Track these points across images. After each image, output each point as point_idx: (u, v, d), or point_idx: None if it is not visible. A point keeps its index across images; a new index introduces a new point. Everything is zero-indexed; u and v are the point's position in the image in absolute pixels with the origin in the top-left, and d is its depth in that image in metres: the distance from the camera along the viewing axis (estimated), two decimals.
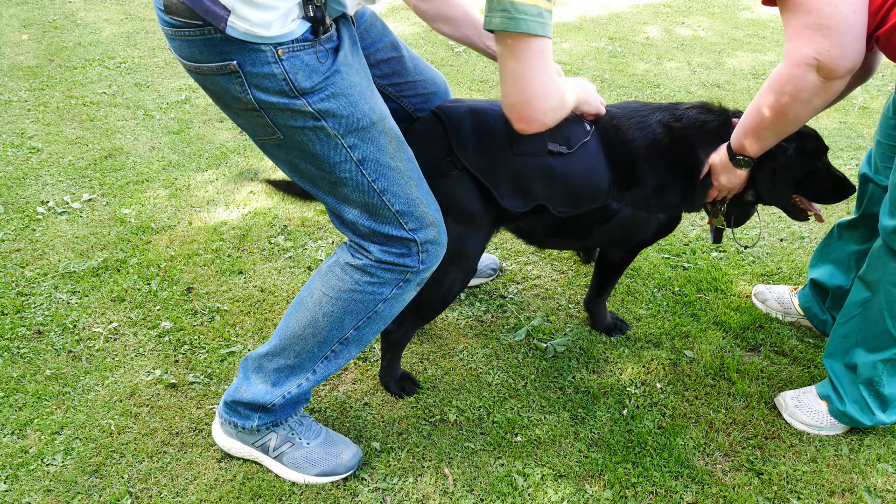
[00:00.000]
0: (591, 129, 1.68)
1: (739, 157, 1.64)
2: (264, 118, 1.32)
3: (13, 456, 1.66)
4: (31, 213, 2.62)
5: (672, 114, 1.72)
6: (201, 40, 1.24)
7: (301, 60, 1.26)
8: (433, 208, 1.47)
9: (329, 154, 1.35)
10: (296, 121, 1.31)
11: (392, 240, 1.43)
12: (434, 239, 1.46)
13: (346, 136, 1.34)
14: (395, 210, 1.40)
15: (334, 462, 1.61)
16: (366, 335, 1.55)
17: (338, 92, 1.31)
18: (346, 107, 1.32)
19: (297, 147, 1.35)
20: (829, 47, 1.35)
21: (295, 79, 1.26)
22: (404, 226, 1.42)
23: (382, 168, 1.38)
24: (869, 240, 1.88)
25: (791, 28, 1.40)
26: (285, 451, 1.61)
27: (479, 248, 1.72)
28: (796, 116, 1.49)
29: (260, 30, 1.20)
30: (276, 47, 1.23)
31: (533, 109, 1.28)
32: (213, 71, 1.27)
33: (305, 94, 1.28)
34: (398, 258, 1.44)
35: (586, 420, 1.82)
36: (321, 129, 1.32)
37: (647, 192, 1.70)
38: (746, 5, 5.79)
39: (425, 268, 1.48)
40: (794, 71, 1.40)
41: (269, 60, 1.24)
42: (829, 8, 1.34)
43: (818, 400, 1.80)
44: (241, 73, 1.25)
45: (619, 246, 1.93)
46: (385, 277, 1.46)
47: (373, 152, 1.37)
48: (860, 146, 3.34)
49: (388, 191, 1.39)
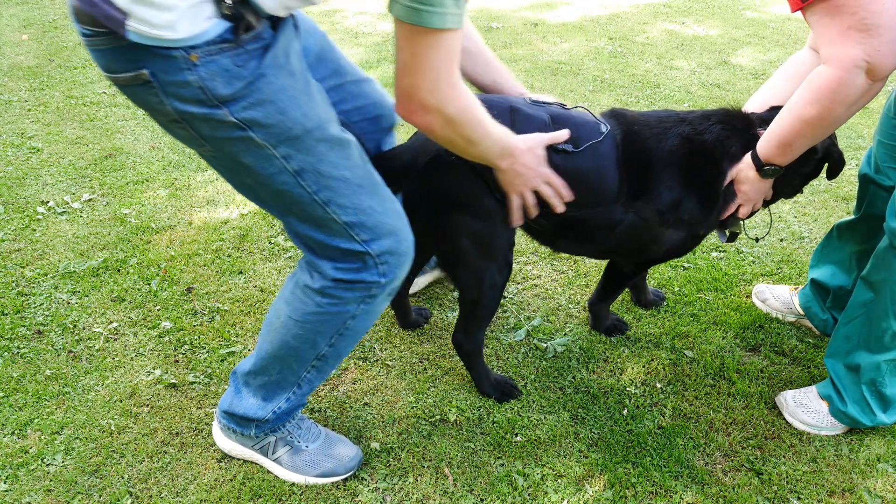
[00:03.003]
0: (606, 132, 1.67)
1: (769, 166, 1.60)
2: (188, 130, 1.23)
3: (13, 456, 1.66)
4: (31, 213, 2.62)
5: (695, 127, 1.69)
6: (111, 49, 1.15)
7: (218, 65, 1.14)
8: (391, 216, 1.36)
9: (262, 166, 1.25)
10: (220, 132, 1.21)
11: (346, 254, 1.34)
12: (392, 249, 1.36)
13: (278, 146, 1.23)
14: (343, 222, 1.31)
15: (334, 463, 1.61)
16: (343, 349, 1.50)
17: (264, 99, 1.19)
18: (275, 115, 1.20)
19: (229, 159, 1.26)
20: (880, 46, 1.31)
21: (212, 86, 1.15)
22: (356, 238, 1.33)
23: (323, 178, 1.28)
24: (870, 240, 1.87)
25: (832, 31, 1.35)
26: (284, 454, 1.61)
27: (506, 242, 1.70)
28: (837, 121, 1.45)
29: (165, 32, 1.10)
30: (187, 51, 1.12)
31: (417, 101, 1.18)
32: (128, 81, 1.18)
33: (226, 103, 1.17)
34: (355, 274, 1.36)
35: (586, 420, 1.82)
36: (248, 139, 1.21)
37: (661, 206, 1.68)
38: (747, 5, 5.79)
39: (388, 280, 1.38)
40: (844, 75, 1.35)
41: (181, 67, 1.13)
42: (877, 5, 1.29)
43: (819, 400, 1.80)
44: (155, 83, 1.15)
45: (630, 257, 1.92)
46: (346, 297, 1.38)
47: (311, 162, 1.26)
48: (860, 146, 3.33)
49: (332, 202, 1.29)
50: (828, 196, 2.90)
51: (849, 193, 2.88)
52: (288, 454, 1.61)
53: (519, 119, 1.60)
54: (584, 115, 1.71)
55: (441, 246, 1.70)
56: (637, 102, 3.87)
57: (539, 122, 1.61)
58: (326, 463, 1.61)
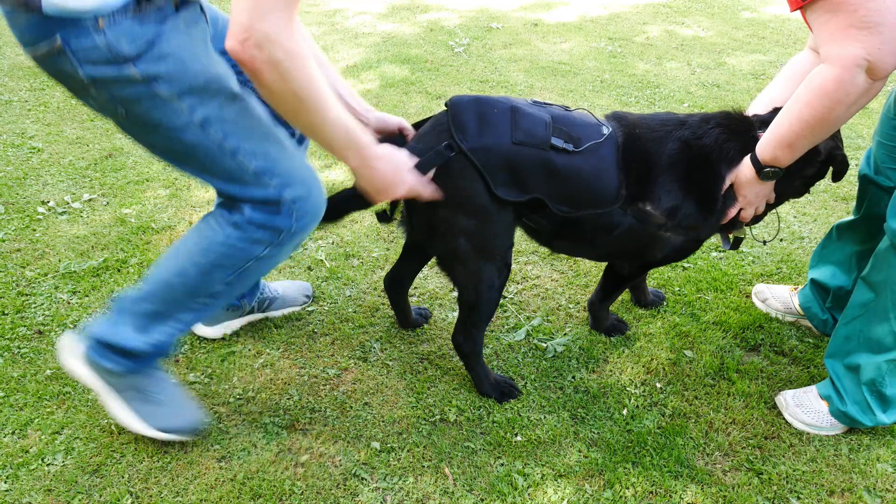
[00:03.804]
0: (608, 133, 1.67)
1: (769, 169, 1.59)
2: (101, 95, 1.33)
3: (14, 455, 1.66)
4: (31, 213, 2.62)
5: (694, 131, 1.68)
6: (28, 23, 1.27)
7: (122, 28, 1.26)
8: (299, 166, 1.44)
9: (170, 119, 1.34)
10: (128, 89, 1.31)
11: (260, 202, 1.42)
12: (304, 196, 1.43)
13: (182, 97, 1.32)
14: (253, 169, 1.39)
15: (179, 423, 1.64)
16: (235, 290, 1.55)
17: (165, 53, 1.29)
18: (175, 67, 1.30)
19: (141, 121, 1.36)
20: (880, 45, 1.30)
21: (118, 47, 1.26)
22: (268, 184, 1.40)
23: (228, 125, 1.36)
24: (869, 240, 1.87)
25: (832, 30, 1.35)
26: (133, 397, 1.62)
27: (503, 241, 1.70)
28: (837, 121, 1.44)
29: (75, 3, 1.21)
30: (96, 18, 1.24)
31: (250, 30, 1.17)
32: (45, 53, 1.29)
33: (131, 60, 1.28)
34: (269, 217, 1.43)
35: (586, 420, 1.82)
36: (155, 94, 1.31)
37: (659, 210, 1.68)
38: (747, 5, 5.79)
39: (299, 227, 1.45)
40: (844, 74, 1.34)
41: (90, 32, 1.25)
42: (877, 3, 1.28)
43: (819, 400, 1.80)
44: (67, 50, 1.26)
45: (629, 260, 1.92)
46: (257, 236, 1.45)
47: (215, 113, 1.35)
48: (860, 146, 3.34)
49: (240, 149, 1.37)
50: (828, 196, 2.91)
51: (849, 193, 2.88)
52: (137, 399, 1.62)
53: (520, 118, 1.61)
54: (585, 116, 1.72)
55: (439, 246, 1.70)
56: (637, 103, 3.87)
57: (540, 122, 1.62)
58: (171, 420, 1.63)
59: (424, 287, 2.31)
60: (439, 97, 3.81)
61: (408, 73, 4.13)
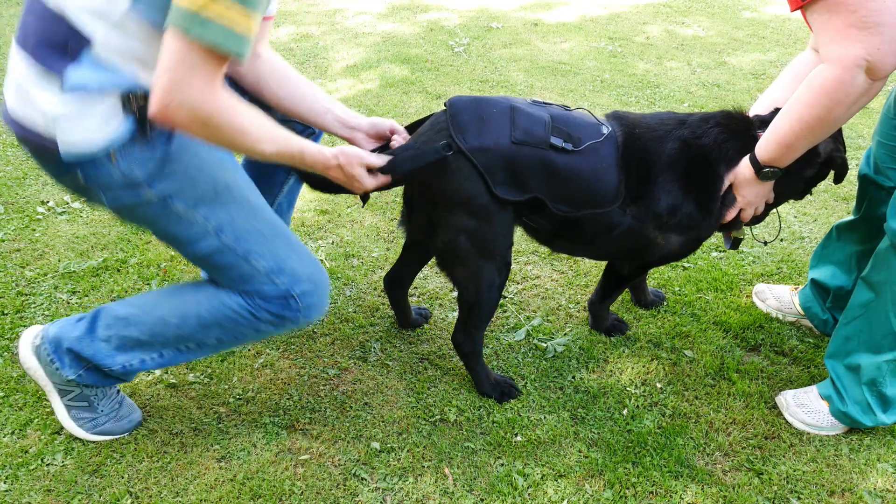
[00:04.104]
0: (608, 133, 1.67)
1: (768, 169, 1.58)
2: (127, 214, 1.46)
3: (13, 456, 1.66)
4: (31, 213, 2.62)
5: (693, 131, 1.68)
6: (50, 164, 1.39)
7: (133, 157, 1.36)
8: (306, 262, 1.53)
9: (187, 231, 1.44)
10: (148, 209, 1.42)
11: (270, 297, 1.50)
12: (310, 291, 1.52)
13: (197, 208, 1.43)
14: (263, 269, 1.48)
15: (114, 427, 1.68)
16: (223, 347, 1.62)
17: (175, 171, 1.40)
18: (186, 182, 1.41)
19: (163, 234, 1.48)
20: (880, 45, 1.29)
21: (132, 174, 1.37)
22: (277, 282, 1.49)
23: (240, 231, 1.46)
24: (869, 241, 1.87)
25: (832, 30, 1.34)
26: (77, 404, 1.63)
27: (503, 241, 1.69)
28: (837, 121, 1.43)
29: (87, 144, 1.32)
30: (108, 153, 1.34)
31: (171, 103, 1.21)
32: (71, 185, 1.43)
33: (146, 184, 1.38)
34: (280, 310, 1.51)
35: (586, 420, 1.82)
36: (171, 211, 1.42)
37: (659, 210, 1.68)
38: (747, 5, 5.79)
39: (305, 319, 1.54)
40: (844, 74, 1.34)
41: (106, 165, 1.35)
42: (877, 3, 1.28)
43: (819, 400, 1.80)
44: (89, 183, 1.39)
45: (629, 260, 1.92)
46: (265, 318, 1.53)
47: (226, 219, 1.45)
48: (860, 146, 3.34)
49: (252, 252, 1.47)
50: (828, 196, 2.90)
51: (849, 193, 2.88)
52: (81, 407, 1.64)
53: (519, 117, 1.61)
54: (585, 115, 1.71)
55: (438, 245, 1.70)
56: (637, 102, 3.87)
57: (539, 121, 1.62)
58: (108, 425, 1.67)
59: (424, 287, 2.31)
60: (439, 97, 3.81)
61: (408, 73, 4.13)
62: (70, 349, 1.58)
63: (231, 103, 1.27)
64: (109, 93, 1.30)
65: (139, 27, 1.26)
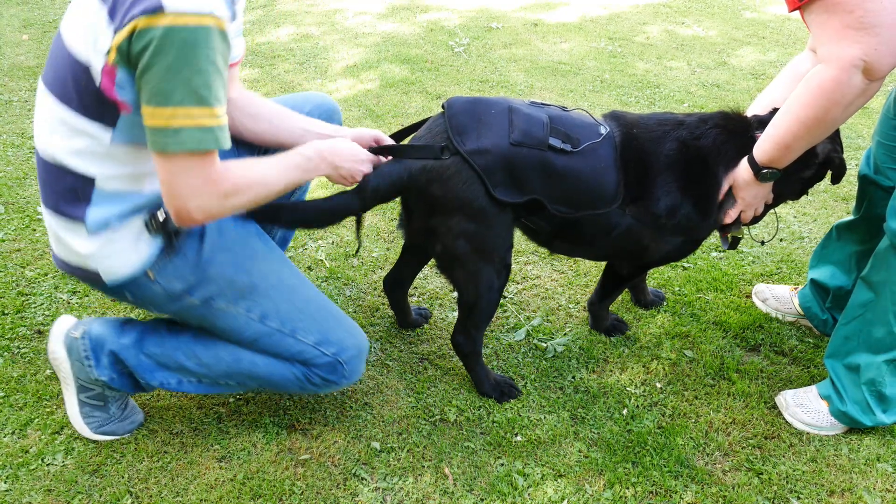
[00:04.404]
0: (605, 133, 1.66)
1: (767, 170, 1.58)
2: (178, 317, 1.59)
3: (13, 456, 1.66)
4: (31, 213, 2.62)
5: (692, 132, 1.68)
6: (106, 291, 1.52)
7: (168, 271, 1.47)
8: (347, 327, 1.63)
9: (233, 322, 1.54)
10: (194, 311, 1.53)
11: (321, 365, 1.59)
12: (356, 356, 1.62)
13: (238, 303, 1.53)
14: (312, 343, 1.57)
15: (117, 428, 1.70)
16: (255, 389, 1.74)
17: (212, 275, 1.50)
18: (224, 283, 1.51)
19: (208, 324, 1.57)
20: (877, 45, 1.29)
21: (172, 287, 1.48)
22: (325, 352, 1.58)
23: (284, 314, 1.56)
24: (869, 240, 1.87)
25: (829, 30, 1.34)
26: (93, 404, 1.65)
27: (502, 243, 1.69)
28: (834, 121, 1.44)
29: (125, 269, 1.44)
30: (146, 273, 1.46)
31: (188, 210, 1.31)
32: (128, 302, 1.56)
33: (186, 293, 1.50)
34: (328, 374, 1.60)
35: (586, 420, 1.82)
36: (215, 309, 1.52)
37: (658, 211, 1.68)
38: (747, 5, 5.79)
39: (349, 379, 1.63)
40: (841, 75, 1.34)
41: (147, 283, 1.48)
42: (874, 4, 1.28)
43: (819, 400, 1.80)
44: (136, 300, 1.53)
45: (628, 261, 1.92)
46: (317, 382, 1.62)
47: (269, 306, 1.55)
48: (860, 146, 3.34)
49: (298, 329, 1.56)
50: (828, 196, 2.90)
51: (849, 193, 2.88)
52: (95, 406, 1.66)
53: (517, 119, 1.61)
54: (583, 116, 1.71)
55: (437, 248, 1.70)
56: (637, 102, 3.87)
57: (538, 122, 1.62)
58: (112, 426, 1.68)
59: (424, 287, 2.31)
60: (439, 97, 3.81)
61: (408, 73, 4.13)
62: (113, 352, 1.60)
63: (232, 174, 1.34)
64: (131, 219, 1.42)
65: (126, 151, 1.36)
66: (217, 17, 1.20)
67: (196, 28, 1.18)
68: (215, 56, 1.22)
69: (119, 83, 1.25)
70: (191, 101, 1.21)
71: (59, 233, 1.44)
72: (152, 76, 1.20)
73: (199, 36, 1.19)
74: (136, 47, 1.19)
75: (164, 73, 1.19)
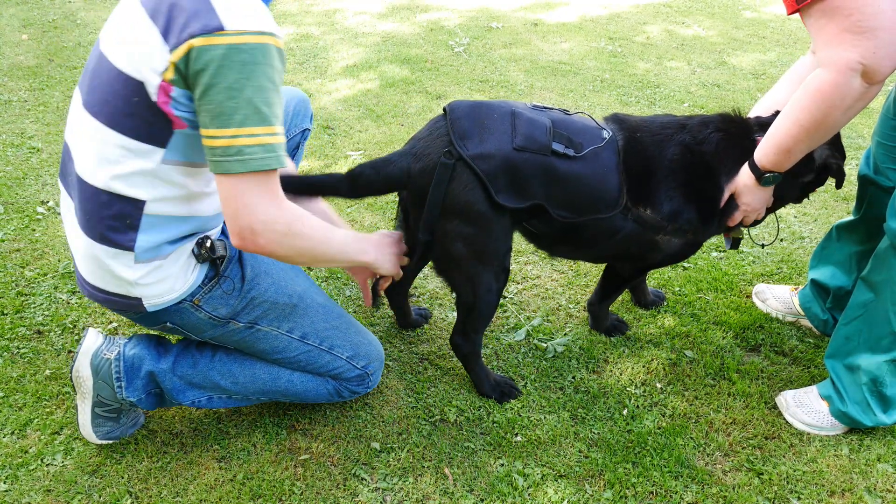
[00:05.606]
0: (608, 138, 1.66)
1: (768, 174, 1.59)
2: (215, 341, 1.60)
3: (13, 456, 1.66)
4: (31, 213, 2.62)
5: (694, 135, 1.68)
6: (140, 317, 1.53)
7: (214, 298, 1.50)
8: (370, 341, 1.72)
9: (275, 343, 1.60)
10: (237, 335, 1.57)
11: (352, 378, 1.69)
12: (378, 366, 1.73)
13: (280, 325, 1.59)
14: (346, 357, 1.66)
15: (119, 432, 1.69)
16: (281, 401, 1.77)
17: (256, 298, 1.54)
18: (268, 307, 1.56)
19: (249, 346, 1.61)
20: (875, 49, 1.30)
21: (217, 314, 1.52)
22: (357, 365, 1.68)
23: (321, 333, 1.63)
24: (869, 241, 1.87)
25: (827, 34, 1.34)
26: (107, 417, 1.65)
27: (501, 246, 1.69)
28: (834, 125, 1.44)
29: (170, 296, 1.45)
30: (191, 300, 1.48)
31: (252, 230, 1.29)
32: (162, 330, 1.58)
33: (232, 318, 1.53)
34: (356, 386, 1.71)
35: (586, 420, 1.82)
36: (259, 331, 1.57)
37: (660, 215, 1.68)
38: (747, 5, 5.79)
39: (368, 389, 1.74)
40: (839, 78, 1.34)
41: (191, 312, 1.50)
42: (872, 8, 1.28)
43: (819, 400, 1.80)
44: (180, 327, 1.54)
45: (630, 263, 1.92)
46: (345, 395, 1.72)
47: (308, 325, 1.62)
48: (860, 146, 3.34)
49: (335, 347, 1.65)
50: (828, 196, 2.90)
51: (849, 194, 2.88)
52: (108, 417, 1.65)
53: (520, 123, 1.60)
54: (585, 120, 1.71)
55: (436, 250, 1.70)
56: (637, 102, 3.87)
57: (541, 127, 1.61)
58: (116, 431, 1.68)
59: (424, 287, 2.31)
60: (439, 97, 3.81)
61: (408, 73, 4.13)
62: (151, 373, 1.61)
63: (301, 212, 1.37)
64: (180, 246, 1.43)
65: (177, 170, 1.35)
66: (276, 35, 1.22)
67: (257, 46, 1.19)
68: (274, 74, 1.23)
69: (175, 99, 1.25)
70: (253, 120, 1.21)
71: (103, 260, 1.40)
72: (214, 96, 1.20)
73: (259, 55, 1.20)
74: (195, 67, 1.19)
75: (226, 92, 1.19)
